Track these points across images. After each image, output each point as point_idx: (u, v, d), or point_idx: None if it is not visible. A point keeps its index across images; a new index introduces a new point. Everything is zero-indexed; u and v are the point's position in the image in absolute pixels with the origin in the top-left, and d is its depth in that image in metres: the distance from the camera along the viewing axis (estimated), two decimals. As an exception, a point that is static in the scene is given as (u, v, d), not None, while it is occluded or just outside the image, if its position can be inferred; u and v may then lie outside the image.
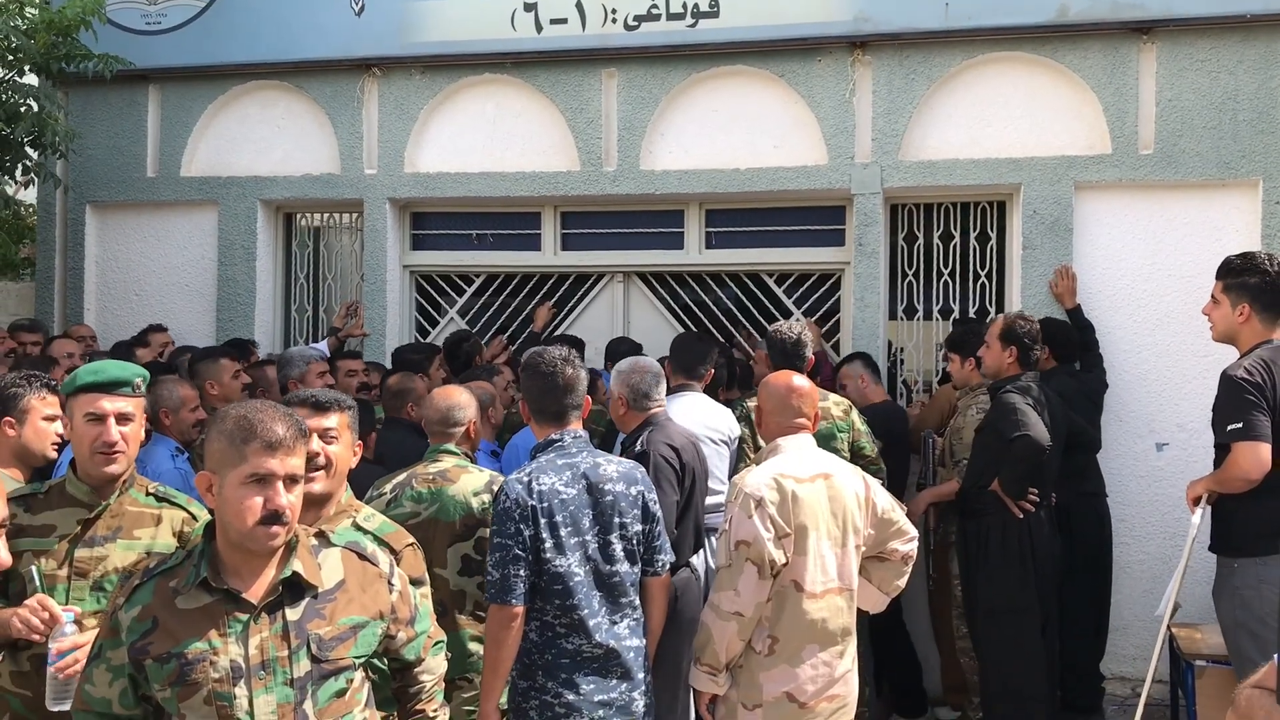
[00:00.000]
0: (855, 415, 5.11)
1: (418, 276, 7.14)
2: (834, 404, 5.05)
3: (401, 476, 3.66)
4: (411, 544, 2.98)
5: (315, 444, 2.81)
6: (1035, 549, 4.79)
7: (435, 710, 2.63)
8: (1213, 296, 4.19)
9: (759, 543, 3.21)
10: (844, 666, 3.37)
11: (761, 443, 3.68)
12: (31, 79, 6.73)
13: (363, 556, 2.44)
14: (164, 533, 2.92)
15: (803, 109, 6.30)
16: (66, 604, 2.79)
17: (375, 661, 2.51)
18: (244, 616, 2.24)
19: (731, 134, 6.42)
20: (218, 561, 2.28)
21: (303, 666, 2.25)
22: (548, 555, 3.13)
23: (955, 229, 6.38)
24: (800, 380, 3.59)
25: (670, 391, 4.88)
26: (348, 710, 2.34)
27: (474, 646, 3.58)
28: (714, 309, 6.75)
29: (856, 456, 4.95)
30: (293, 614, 2.27)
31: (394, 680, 2.58)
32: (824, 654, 3.31)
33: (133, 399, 2.95)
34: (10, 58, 6.37)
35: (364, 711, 2.40)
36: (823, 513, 3.32)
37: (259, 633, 2.24)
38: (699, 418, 4.68)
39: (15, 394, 3.33)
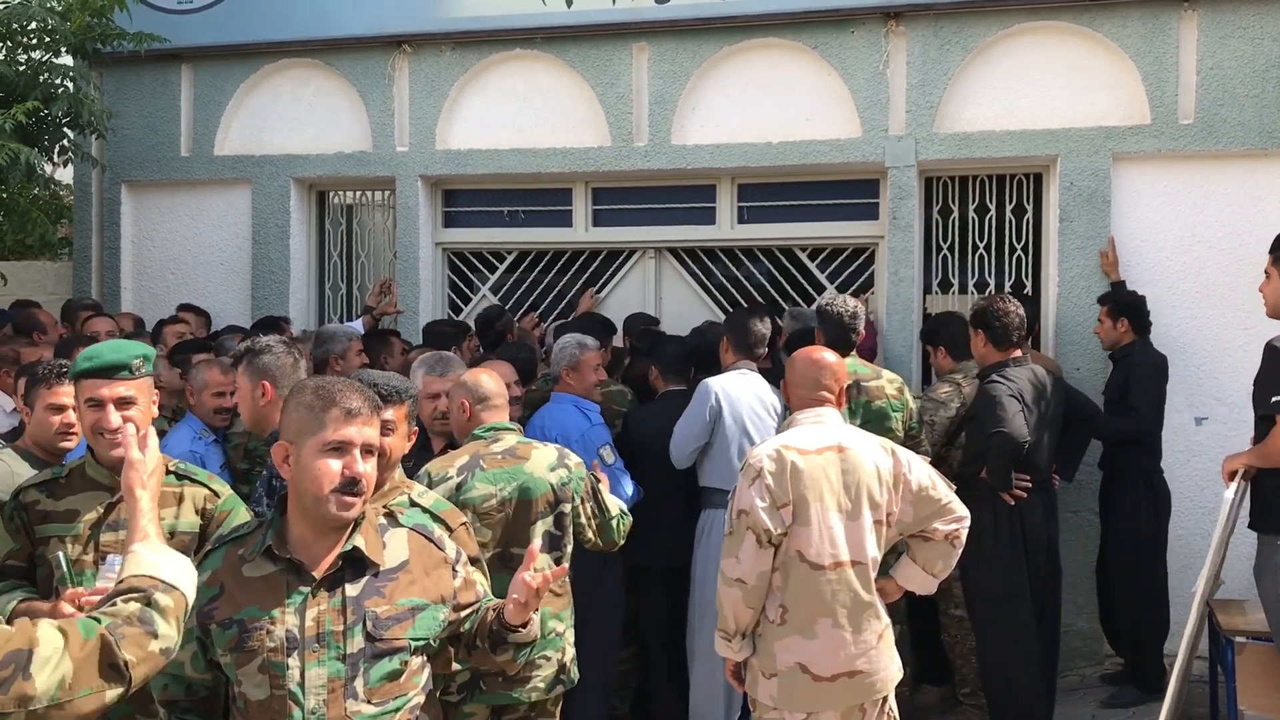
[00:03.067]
0: (909, 394, 4.96)
1: (450, 253, 7.15)
2: (888, 382, 4.88)
3: (464, 459, 3.58)
4: (464, 523, 2.98)
5: None
6: (1026, 534, 4.78)
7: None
8: (1265, 272, 4.10)
9: (754, 511, 3.25)
10: (864, 643, 3.32)
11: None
12: (66, 60, 6.77)
13: (429, 539, 2.43)
14: (187, 511, 2.90)
15: (836, 81, 6.24)
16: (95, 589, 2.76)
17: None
18: (305, 589, 2.26)
19: (763, 107, 6.37)
20: (285, 532, 2.30)
21: (357, 643, 2.26)
22: None
23: (991, 202, 6.31)
24: (825, 354, 3.59)
25: (727, 368, 4.89)
26: (401, 693, 2.31)
27: (552, 624, 3.62)
28: (746, 284, 6.72)
29: (905, 436, 4.84)
30: (352, 590, 2.28)
31: (473, 633, 2.51)
32: (838, 629, 3.29)
33: (133, 381, 2.88)
34: (47, 39, 6.41)
35: (419, 695, 2.37)
36: (829, 484, 3.29)
37: (317, 605, 2.25)
38: (750, 396, 4.69)
39: (30, 382, 3.40)
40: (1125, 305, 5.53)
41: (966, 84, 6.09)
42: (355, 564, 2.29)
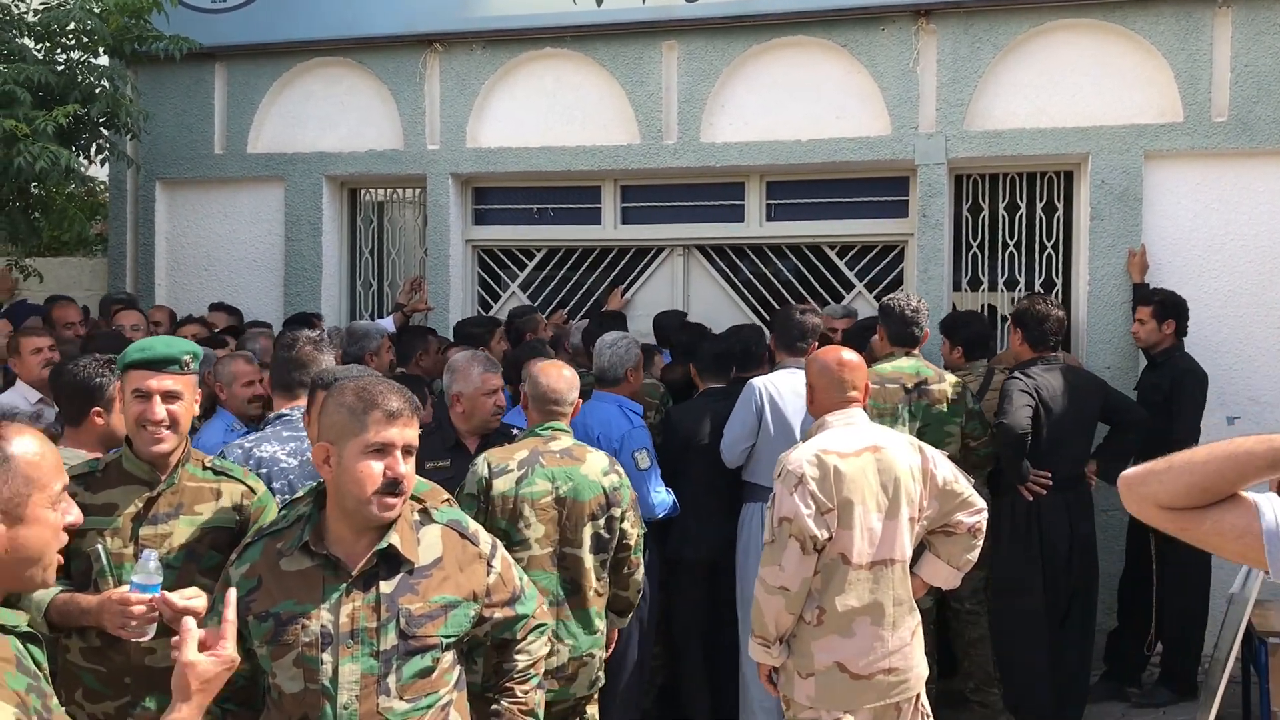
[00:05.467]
0: (969, 396, 4.90)
1: (480, 251, 7.20)
2: (950, 385, 4.83)
3: (524, 454, 3.64)
4: (447, 499, 3.01)
5: None
6: (1044, 530, 4.81)
7: (526, 692, 2.57)
8: None
9: (800, 519, 3.25)
10: (899, 639, 3.35)
11: None
12: (103, 60, 6.86)
13: (464, 535, 2.45)
14: (224, 507, 2.91)
15: (865, 79, 6.24)
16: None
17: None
18: (340, 584, 2.29)
19: (793, 105, 6.37)
20: (322, 528, 2.34)
21: (389, 640, 2.28)
22: None
23: (1021, 199, 6.29)
24: (849, 354, 3.59)
25: (774, 366, 4.92)
26: (432, 690, 2.34)
27: (599, 623, 3.69)
28: (775, 282, 6.73)
29: (963, 437, 4.80)
30: (386, 586, 2.30)
31: (492, 655, 2.59)
32: (875, 626, 3.32)
33: (181, 376, 2.88)
34: (85, 40, 6.50)
35: (451, 693, 2.39)
36: (870, 486, 3.32)
37: (351, 602, 2.28)
38: (793, 394, 4.69)
39: (101, 384, 3.30)
40: (1172, 307, 5.38)
41: (997, 81, 6.07)
42: (390, 561, 2.32)
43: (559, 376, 3.77)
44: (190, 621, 1.98)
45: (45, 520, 1.73)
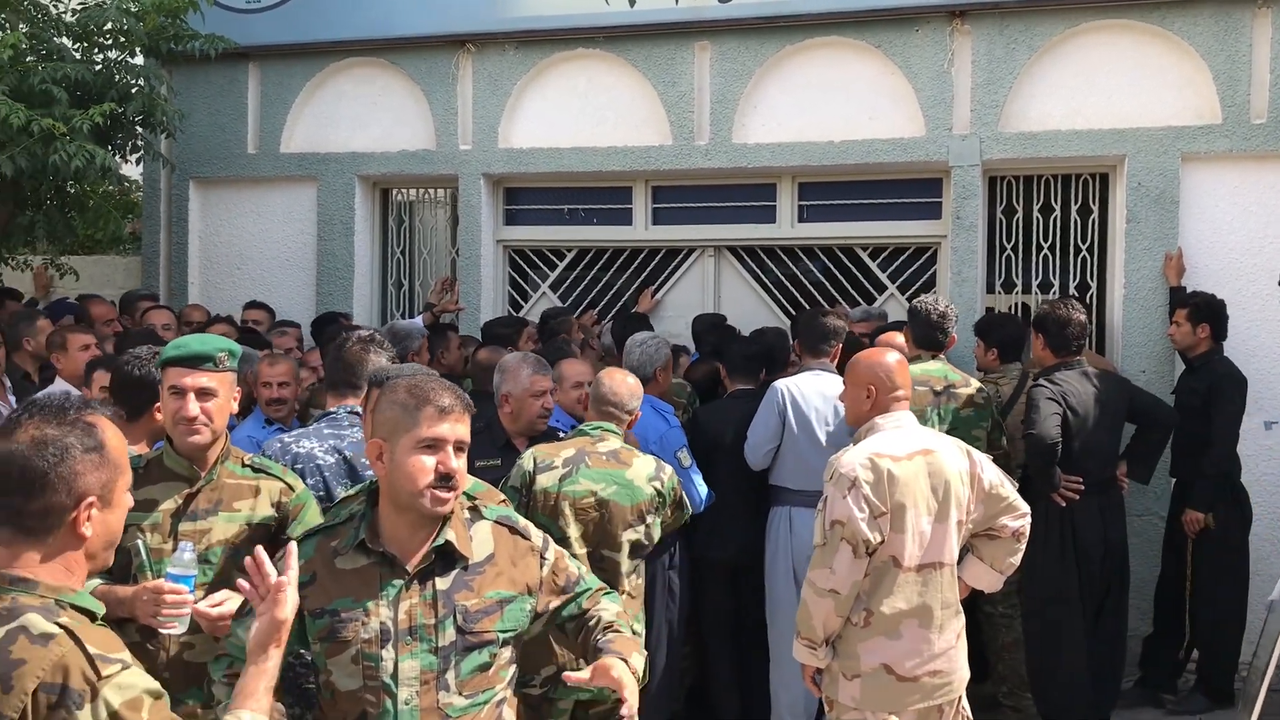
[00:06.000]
0: (994, 406, 4.92)
1: (511, 251, 7.21)
2: (976, 390, 4.84)
3: (570, 452, 3.66)
4: (502, 500, 3.03)
5: None
6: (1078, 537, 4.78)
7: (627, 634, 2.43)
8: None
9: (853, 522, 3.23)
10: (945, 642, 3.35)
11: None
12: (139, 59, 6.91)
13: (514, 530, 2.46)
14: (263, 504, 2.93)
15: (899, 80, 6.21)
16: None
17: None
18: (397, 582, 2.30)
19: (825, 106, 6.35)
20: (377, 526, 2.35)
21: (448, 636, 2.29)
22: None
23: (1056, 202, 6.24)
24: (893, 356, 3.57)
25: (799, 369, 4.91)
26: (489, 686, 2.35)
27: (636, 625, 3.70)
28: (806, 283, 6.71)
29: (989, 446, 4.77)
30: (442, 583, 2.31)
31: (575, 634, 2.52)
32: (923, 629, 3.31)
33: (216, 374, 2.91)
34: (122, 39, 6.55)
35: (505, 690, 2.40)
36: (921, 490, 3.31)
37: (409, 599, 2.29)
38: (817, 396, 4.68)
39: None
40: (1208, 310, 5.32)
41: (1032, 83, 6.04)
42: (445, 557, 2.33)
43: (622, 383, 3.82)
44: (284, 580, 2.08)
45: (124, 504, 1.88)
